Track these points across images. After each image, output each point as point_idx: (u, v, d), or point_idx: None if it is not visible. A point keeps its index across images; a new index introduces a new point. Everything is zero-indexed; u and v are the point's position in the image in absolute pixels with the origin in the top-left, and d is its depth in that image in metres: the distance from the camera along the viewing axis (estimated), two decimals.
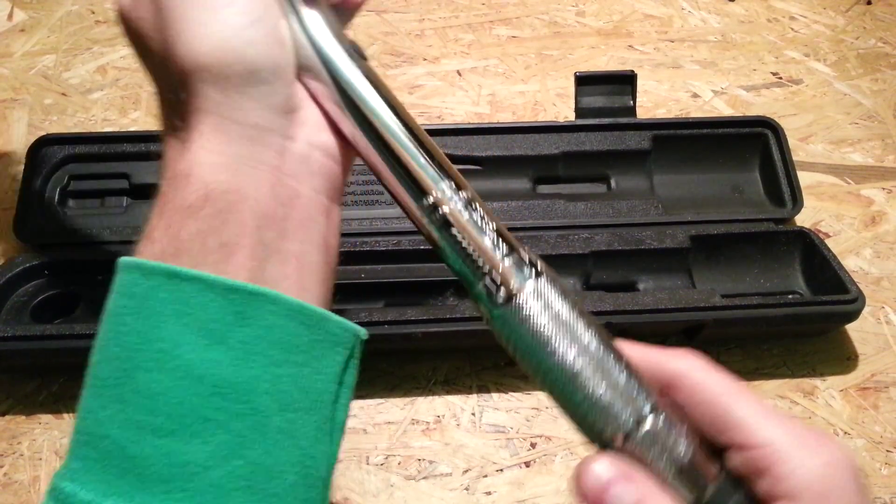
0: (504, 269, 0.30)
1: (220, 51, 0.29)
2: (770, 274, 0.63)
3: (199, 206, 0.29)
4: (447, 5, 0.86)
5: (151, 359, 0.28)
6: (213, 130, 0.30)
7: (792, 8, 0.89)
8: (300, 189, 0.32)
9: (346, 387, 0.32)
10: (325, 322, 0.31)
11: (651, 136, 0.67)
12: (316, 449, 0.30)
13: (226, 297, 0.28)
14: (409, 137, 0.32)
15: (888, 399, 0.58)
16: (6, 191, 0.67)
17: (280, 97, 0.31)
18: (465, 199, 0.31)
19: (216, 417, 0.27)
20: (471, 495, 0.52)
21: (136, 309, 0.28)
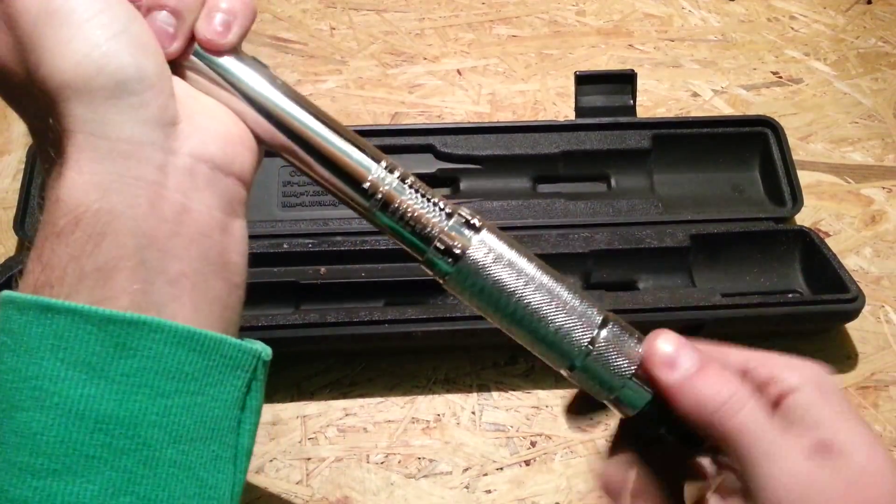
0: (448, 230, 0.32)
1: (81, 65, 0.28)
2: (770, 273, 0.63)
3: (69, 231, 0.28)
4: (447, 4, 0.86)
5: (29, 397, 0.27)
6: (80, 149, 0.29)
7: (792, 7, 0.89)
8: (188, 204, 0.30)
9: (249, 411, 0.31)
10: (220, 346, 0.30)
11: (651, 136, 0.67)
12: (216, 478, 0.30)
13: (103, 328, 0.27)
14: (332, 133, 0.33)
15: (888, 398, 0.58)
16: (6, 190, 0.67)
17: (152, 109, 0.29)
18: (399, 177, 0.33)
19: (100, 454, 0.27)
20: (471, 493, 0.52)
21: (13, 346, 0.27)
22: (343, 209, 0.37)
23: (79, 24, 0.28)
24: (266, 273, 0.58)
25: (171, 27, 0.31)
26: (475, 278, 0.32)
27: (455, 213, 0.32)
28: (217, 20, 0.32)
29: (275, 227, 0.61)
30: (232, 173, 0.32)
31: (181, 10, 0.31)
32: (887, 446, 0.55)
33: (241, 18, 0.33)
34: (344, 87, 0.77)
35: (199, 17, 0.32)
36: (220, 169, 0.31)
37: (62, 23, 0.28)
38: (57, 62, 0.28)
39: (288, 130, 0.33)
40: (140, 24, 0.30)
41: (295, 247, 0.60)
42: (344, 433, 0.54)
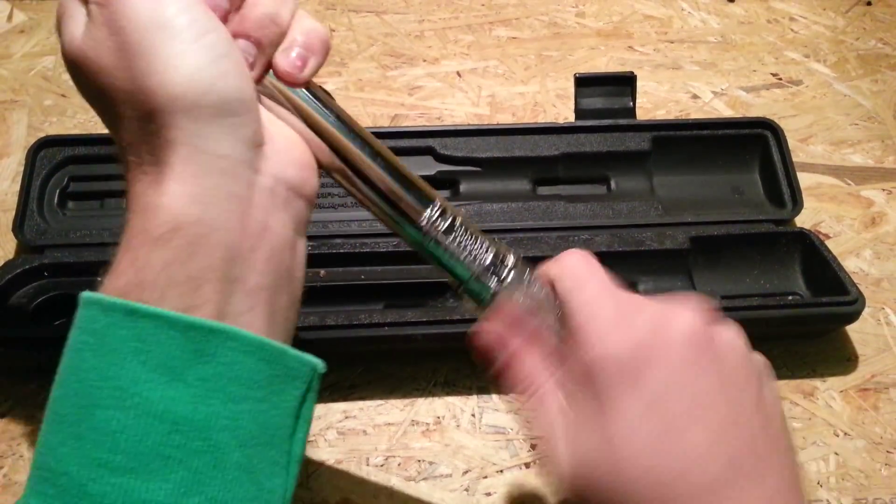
0: (488, 266, 0.35)
1: (193, 82, 0.30)
2: (770, 275, 0.63)
3: (167, 238, 0.29)
4: (447, 6, 0.86)
5: (110, 396, 0.28)
6: (184, 161, 0.30)
7: (792, 9, 0.89)
8: (269, 222, 0.32)
9: (303, 420, 0.33)
10: (284, 357, 0.31)
11: (651, 138, 0.67)
12: (273, 483, 0.31)
13: (184, 334, 0.28)
14: (392, 172, 0.35)
15: (888, 400, 0.58)
16: (6, 192, 0.67)
17: (249, 130, 0.32)
18: (450, 218, 0.35)
19: (175, 455, 0.28)
20: (471, 496, 0.52)
21: (95, 346, 0.28)
22: (343, 211, 0.38)
23: (190, 41, 0.30)
24: None
25: (250, 56, 0.33)
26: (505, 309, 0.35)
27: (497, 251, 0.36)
28: (295, 54, 0.34)
29: None
30: (303, 195, 0.34)
31: (262, 42, 0.33)
32: (888, 449, 0.55)
33: (318, 55, 0.35)
34: (343, 89, 0.77)
35: (279, 49, 0.34)
36: (295, 190, 0.34)
37: (172, 37, 0.30)
38: (170, 74, 0.30)
39: (351, 163, 0.35)
40: (238, 49, 0.32)
41: None
42: (343, 436, 0.54)
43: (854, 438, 0.56)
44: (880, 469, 0.54)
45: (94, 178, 0.63)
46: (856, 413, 0.57)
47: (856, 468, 0.54)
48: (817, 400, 0.58)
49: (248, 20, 0.33)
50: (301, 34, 0.34)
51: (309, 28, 0.35)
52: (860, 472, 0.54)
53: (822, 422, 0.56)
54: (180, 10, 0.30)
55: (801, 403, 0.57)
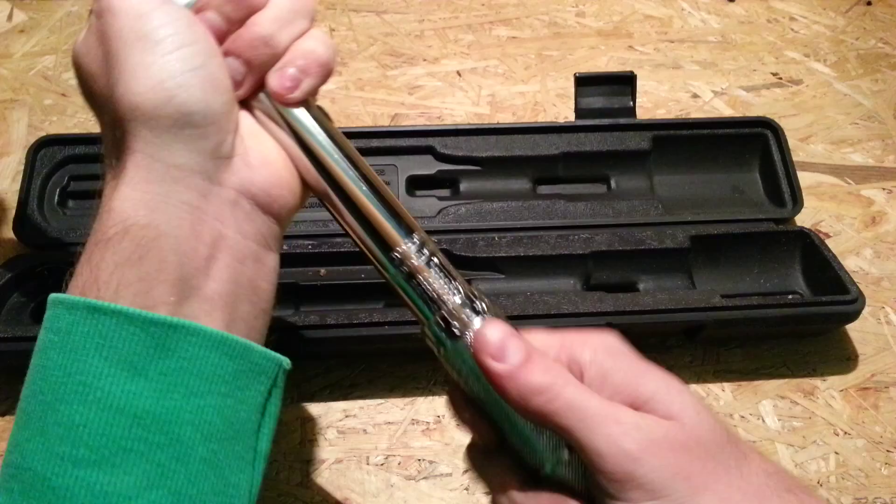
0: (456, 309, 0.33)
1: (153, 91, 0.31)
2: (770, 274, 0.63)
3: (118, 240, 0.30)
4: (447, 6, 0.86)
5: (73, 391, 0.28)
6: (137, 167, 0.31)
7: (792, 8, 0.89)
8: (226, 232, 0.33)
9: (269, 416, 0.33)
10: (248, 352, 0.32)
11: (651, 137, 0.67)
12: (238, 477, 0.31)
13: (145, 329, 0.29)
14: (376, 196, 0.35)
15: (888, 399, 0.58)
16: (6, 191, 0.67)
17: (210, 142, 0.32)
18: (427, 255, 0.34)
19: (137, 448, 0.28)
20: (471, 496, 0.52)
21: (60, 343, 0.29)
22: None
23: (162, 54, 0.31)
24: None
25: (239, 75, 0.34)
26: (468, 359, 0.32)
27: (466, 293, 0.33)
28: (288, 75, 0.34)
29: None
30: (271, 212, 0.34)
31: (252, 61, 0.34)
32: (888, 448, 0.55)
33: (312, 78, 0.35)
34: (344, 89, 0.77)
35: (275, 67, 0.35)
36: (261, 207, 0.34)
37: (147, 49, 0.31)
38: (132, 84, 0.31)
39: (335, 184, 0.35)
40: (218, 62, 0.33)
41: (295, 248, 0.60)
42: (344, 435, 0.54)
43: (854, 438, 0.56)
44: (880, 468, 0.54)
45: (95, 177, 0.62)
46: (856, 412, 0.57)
47: (856, 467, 0.54)
48: (817, 399, 0.58)
49: (241, 39, 0.34)
50: (301, 56, 0.35)
51: (309, 50, 0.35)
52: (860, 471, 0.54)
53: (823, 421, 0.56)
54: (162, 24, 0.31)
55: (802, 402, 0.57)
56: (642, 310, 0.56)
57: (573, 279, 0.61)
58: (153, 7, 0.32)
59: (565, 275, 0.61)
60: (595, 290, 0.59)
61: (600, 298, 0.56)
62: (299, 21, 0.35)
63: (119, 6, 0.31)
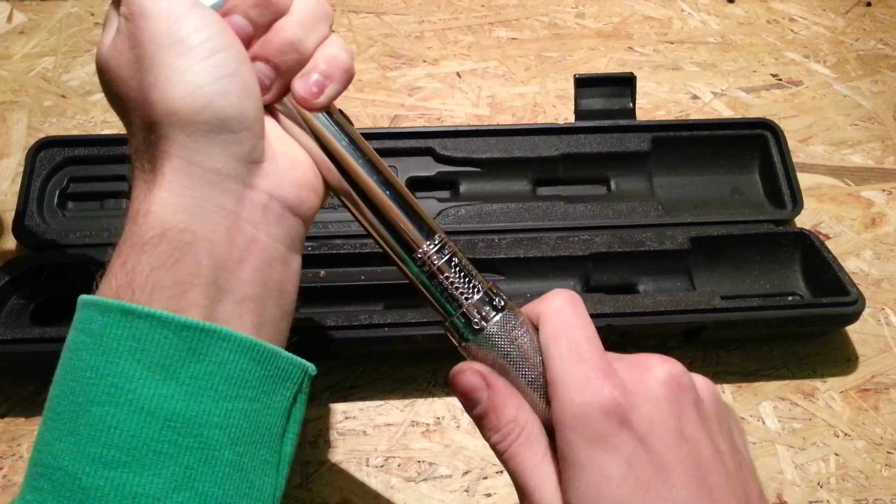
0: (476, 305, 0.34)
1: (192, 97, 0.31)
2: (770, 275, 0.63)
3: (154, 244, 0.31)
4: (447, 7, 0.86)
5: (105, 393, 0.29)
6: (175, 172, 0.31)
7: (791, 9, 0.89)
8: (257, 235, 0.33)
9: (294, 421, 0.33)
10: (276, 358, 0.32)
11: (651, 138, 0.67)
12: (263, 481, 0.31)
13: (178, 333, 0.29)
14: (398, 201, 0.36)
15: (888, 401, 0.58)
16: (6, 193, 0.67)
17: (245, 147, 0.32)
18: (448, 255, 0.35)
19: (167, 450, 0.29)
20: (471, 497, 0.52)
21: (92, 345, 0.29)
22: (343, 212, 0.39)
23: (198, 59, 0.31)
24: None
25: (268, 80, 0.35)
26: (487, 352, 0.34)
27: (485, 291, 0.35)
28: (313, 81, 0.35)
29: None
30: (299, 214, 0.35)
31: (281, 66, 0.35)
32: (888, 449, 0.55)
33: (336, 83, 0.36)
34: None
35: (300, 73, 0.35)
36: (290, 209, 0.34)
37: (183, 54, 0.31)
38: (170, 89, 0.31)
39: (359, 188, 0.36)
40: (249, 68, 0.33)
41: None
42: (343, 436, 0.54)
43: (854, 439, 0.56)
44: (880, 470, 0.54)
45: (94, 178, 0.63)
46: (856, 414, 0.57)
47: (856, 469, 0.54)
48: (817, 400, 0.58)
49: (270, 44, 0.34)
50: (324, 62, 0.35)
51: (332, 56, 0.36)
52: (860, 472, 0.54)
53: (823, 422, 0.56)
54: (195, 28, 0.32)
55: (802, 404, 0.57)
56: (642, 311, 0.56)
57: (573, 280, 0.61)
58: (185, 11, 0.32)
59: (565, 276, 0.61)
60: (595, 292, 0.59)
61: (600, 300, 0.56)
62: (321, 26, 0.36)
63: (151, 10, 0.32)
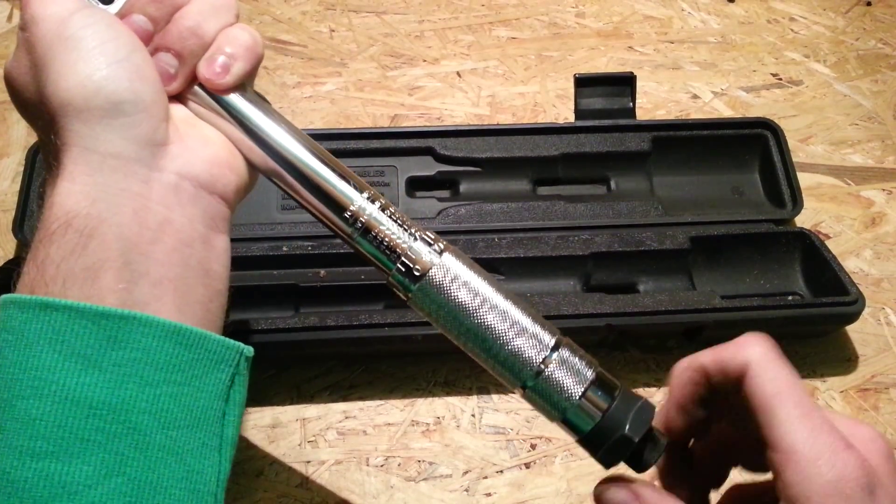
0: (414, 251, 0.35)
1: (82, 85, 0.32)
2: (770, 275, 0.63)
3: (61, 234, 0.31)
4: (447, 7, 0.86)
5: (29, 387, 0.29)
6: (75, 162, 0.32)
7: (792, 9, 0.89)
8: (170, 216, 0.33)
9: (233, 403, 0.33)
10: (204, 341, 0.32)
11: (651, 138, 0.67)
12: (202, 464, 0.32)
13: (97, 322, 0.30)
14: (320, 163, 0.36)
15: (888, 400, 0.58)
16: (6, 192, 0.67)
17: (143, 129, 0.33)
18: (380, 206, 0.36)
19: (95, 438, 0.29)
20: (471, 497, 0.52)
21: (14, 342, 0.30)
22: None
23: (86, 50, 0.32)
24: (266, 276, 0.58)
25: (172, 68, 0.35)
26: (435, 297, 0.34)
27: (421, 238, 0.35)
28: (218, 62, 0.36)
29: (274, 229, 0.61)
30: (215, 192, 0.35)
31: (183, 54, 0.35)
32: None
33: (242, 62, 0.36)
34: (343, 90, 0.77)
35: (204, 57, 0.36)
36: (204, 188, 0.35)
37: (71, 48, 0.32)
38: (61, 82, 0.32)
39: (280, 159, 0.36)
40: (142, 54, 0.34)
41: (294, 249, 0.60)
42: (343, 436, 0.54)
43: None
44: None
45: None
46: (856, 413, 0.57)
47: None
48: (818, 400, 0.58)
49: (169, 33, 0.35)
50: (228, 43, 0.36)
51: (234, 36, 0.36)
52: None
53: None
54: (84, 24, 0.33)
55: None
56: (642, 311, 0.56)
57: (573, 280, 0.61)
58: (73, 11, 0.33)
59: (565, 276, 0.61)
60: (595, 292, 0.59)
61: (600, 299, 0.56)
62: (224, 14, 0.36)
63: (41, 15, 0.33)
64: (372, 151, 0.65)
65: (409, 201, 0.64)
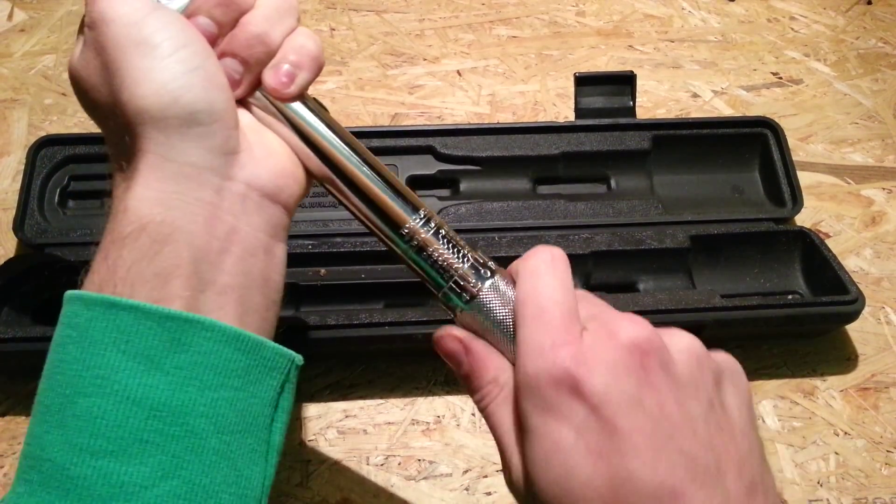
0: (466, 274, 0.35)
1: (158, 94, 0.32)
2: (770, 274, 0.63)
3: (134, 238, 0.31)
4: (447, 5, 0.86)
5: (91, 385, 0.29)
6: (150, 168, 0.32)
7: (792, 8, 0.88)
8: (237, 225, 0.33)
9: (281, 410, 0.34)
10: (261, 348, 0.33)
11: (651, 137, 0.67)
12: (251, 470, 0.32)
13: (162, 324, 0.30)
14: (380, 179, 0.36)
15: (888, 399, 0.58)
16: (6, 191, 0.67)
17: (217, 139, 0.33)
18: (435, 227, 0.36)
19: (153, 439, 0.29)
20: (471, 496, 0.52)
21: (78, 339, 0.30)
22: (343, 210, 0.39)
23: (161, 58, 0.32)
24: None
25: (237, 74, 0.35)
26: (482, 318, 0.35)
27: (475, 259, 0.35)
28: (283, 71, 0.35)
29: None
30: (279, 202, 0.35)
31: (248, 60, 0.35)
32: (888, 448, 0.55)
33: (306, 72, 0.36)
34: (344, 88, 0.77)
35: (269, 65, 0.36)
36: (269, 197, 0.35)
37: (146, 54, 0.32)
38: (138, 89, 0.32)
39: (339, 171, 0.36)
40: (214, 62, 0.34)
41: (295, 248, 0.60)
42: (344, 435, 0.54)
43: (854, 438, 0.56)
44: (880, 468, 0.54)
45: (95, 176, 0.63)
46: (856, 412, 0.57)
47: (856, 467, 0.54)
48: (817, 399, 0.58)
49: (236, 39, 0.35)
50: (293, 52, 0.36)
51: (300, 45, 0.36)
52: (860, 471, 0.54)
53: (823, 421, 0.57)
54: (156, 29, 0.32)
55: (802, 402, 0.57)
56: (642, 310, 0.56)
57: (573, 279, 0.61)
58: (146, 13, 0.32)
59: None
60: (595, 290, 0.59)
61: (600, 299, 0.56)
62: (287, 19, 0.36)
63: (112, 15, 0.32)
64: (372, 150, 0.63)
65: None
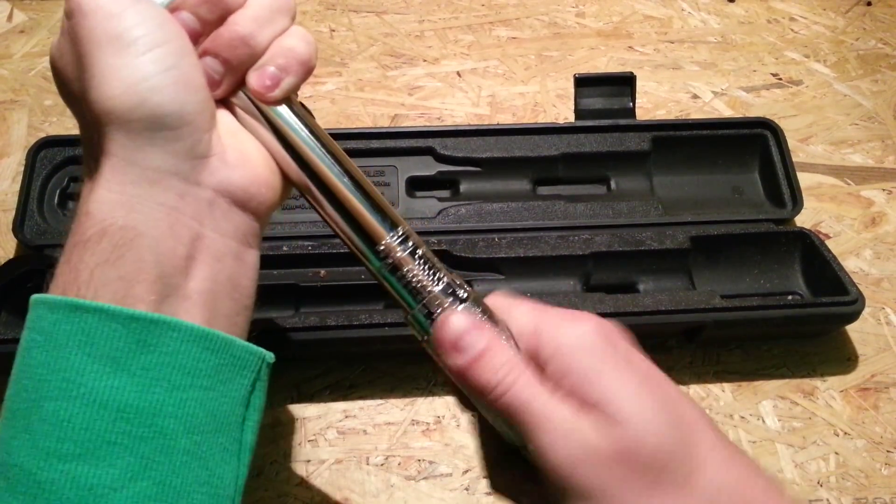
0: (438, 297, 0.34)
1: (125, 95, 0.30)
2: (770, 275, 0.63)
3: (95, 241, 0.31)
4: (447, 6, 0.86)
5: (57, 388, 0.29)
6: (113, 171, 0.31)
7: (792, 9, 0.89)
8: (203, 231, 0.32)
9: (253, 409, 0.33)
10: (230, 346, 0.32)
11: (651, 138, 0.67)
12: (223, 469, 0.31)
13: (127, 326, 0.29)
14: (359, 191, 0.35)
15: (888, 400, 0.58)
16: (6, 192, 0.67)
17: (186, 143, 0.32)
18: (412, 247, 0.34)
19: (121, 441, 0.29)
20: (471, 496, 0.52)
21: (43, 343, 0.30)
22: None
23: (134, 55, 0.31)
24: (266, 276, 0.58)
25: (217, 74, 0.34)
26: None
27: (448, 282, 0.34)
28: (268, 74, 0.34)
29: (274, 229, 0.61)
30: (249, 209, 0.34)
31: (231, 61, 0.34)
32: (888, 448, 0.55)
33: (293, 76, 0.35)
34: (344, 90, 0.77)
35: (255, 66, 0.34)
36: (239, 204, 0.34)
37: (119, 51, 0.30)
38: (105, 88, 0.30)
39: (319, 181, 0.35)
40: (191, 61, 0.32)
41: (294, 249, 0.60)
42: (344, 435, 0.54)
43: (854, 438, 0.56)
44: (880, 468, 0.54)
45: None
46: (856, 413, 0.57)
47: (856, 468, 0.54)
48: (817, 400, 0.58)
49: (220, 38, 0.34)
50: (281, 55, 0.34)
51: (290, 47, 0.35)
52: (860, 471, 0.54)
53: (823, 421, 0.56)
54: (136, 23, 0.31)
55: (802, 403, 0.57)
56: (642, 311, 0.56)
57: (573, 280, 0.61)
58: (126, 5, 0.31)
59: (565, 276, 0.61)
60: (595, 291, 0.59)
61: (600, 299, 0.56)
62: (280, 19, 0.35)
63: (89, 6, 0.31)
64: (372, 151, 0.65)
65: (409, 201, 0.64)
